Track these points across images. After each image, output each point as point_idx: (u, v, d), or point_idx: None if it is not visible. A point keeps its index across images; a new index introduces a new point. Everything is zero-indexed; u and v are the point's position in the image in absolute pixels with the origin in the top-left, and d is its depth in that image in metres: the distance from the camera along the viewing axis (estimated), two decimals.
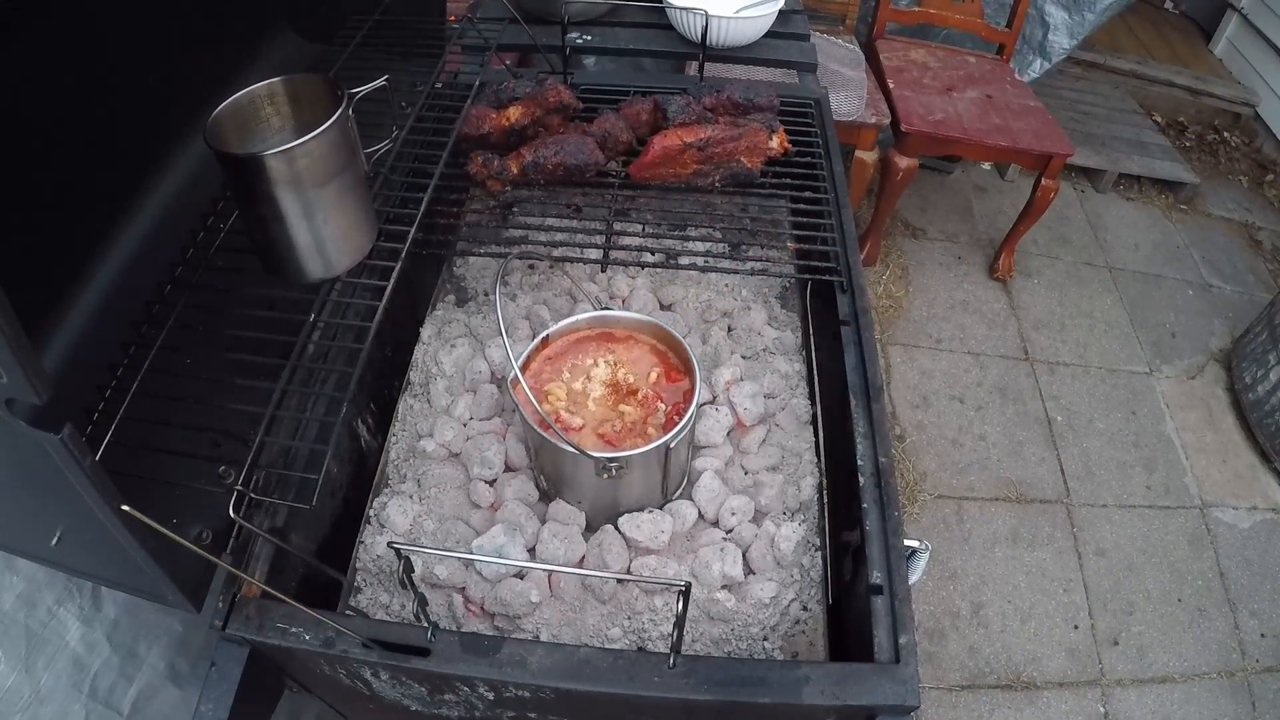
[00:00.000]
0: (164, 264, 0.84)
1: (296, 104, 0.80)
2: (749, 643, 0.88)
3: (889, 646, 0.76)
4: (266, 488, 0.82)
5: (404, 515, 0.94)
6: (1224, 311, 2.62)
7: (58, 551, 0.67)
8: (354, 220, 0.82)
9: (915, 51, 2.50)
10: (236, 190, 0.77)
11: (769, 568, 0.91)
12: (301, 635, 0.74)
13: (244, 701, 0.74)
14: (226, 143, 0.75)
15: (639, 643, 0.87)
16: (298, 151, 0.71)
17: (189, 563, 0.70)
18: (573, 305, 1.16)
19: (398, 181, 1.04)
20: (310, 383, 0.91)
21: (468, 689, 0.76)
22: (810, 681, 0.72)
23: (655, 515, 0.92)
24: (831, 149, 1.25)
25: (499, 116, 1.15)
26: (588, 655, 0.73)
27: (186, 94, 0.84)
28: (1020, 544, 1.98)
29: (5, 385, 0.47)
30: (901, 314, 2.48)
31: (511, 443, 0.99)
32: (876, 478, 0.88)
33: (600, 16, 1.53)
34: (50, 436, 0.51)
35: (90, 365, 0.74)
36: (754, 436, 1.02)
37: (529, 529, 0.91)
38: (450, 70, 1.22)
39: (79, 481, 0.55)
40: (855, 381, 0.97)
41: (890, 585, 0.80)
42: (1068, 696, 1.75)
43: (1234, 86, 3.27)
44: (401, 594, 0.91)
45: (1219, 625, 1.88)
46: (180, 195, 0.88)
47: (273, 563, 0.82)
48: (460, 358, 1.08)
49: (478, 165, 1.12)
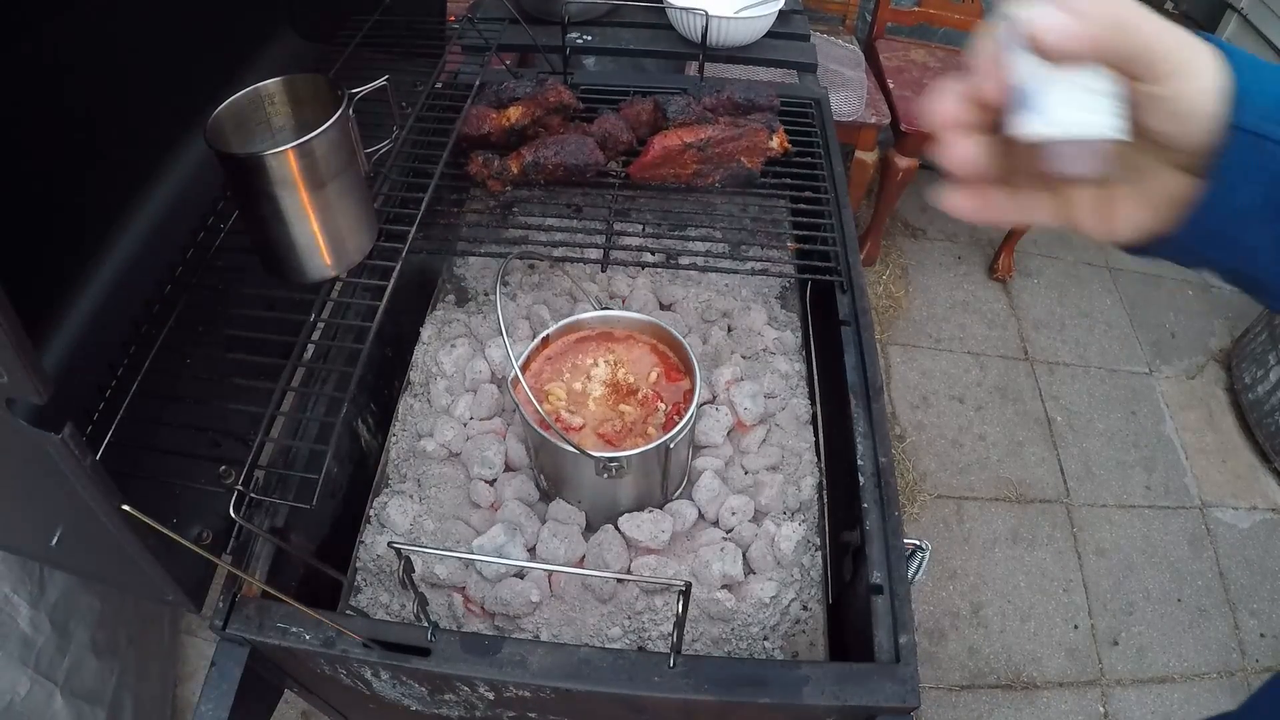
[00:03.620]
0: (164, 264, 0.84)
1: (296, 104, 0.80)
2: (749, 642, 0.88)
3: (889, 646, 0.76)
4: (267, 488, 0.82)
5: (404, 515, 0.94)
6: (1224, 312, 2.62)
7: (58, 551, 0.67)
8: (354, 220, 0.82)
9: (915, 51, 2.50)
10: (236, 190, 0.77)
11: (769, 567, 0.91)
12: (302, 635, 0.75)
13: (244, 701, 0.74)
14: (226, 143, 0.75)
15: (639, 642, 0.87)
16: (298, 151, 0.71)
17: (189, 562, 0.70)
18: (573, 305, 1.16)
19: (398, 181, 1.04)
20: (310, 383, 0.91)
21: (468, 689, 0.76)
22: (810, 681, 0.72)
23: (655, 515, 0.92)
24: (831, 149, 1.25)
25: (499, 116, 1.15)
26: (588, 655, 0.73)
27: (186, 94, 0.84)
28: (1020, 544, 1.98)
29: (5, 385, 0.47)
30: (901, 314, 2.48)
31: (511, 443, 0.99)
32: (876, 478, 0.88)
33: (600, 16, 1.53)
34: (51, 436, 0.51)
35: (90, 365, 0.74)
36: (754, 436, 1.02)
37: (529, 529, 0.91)
38: (450, 70, 1.22)
39: (79, 481, 0.55)
40: (855, 381, 0.97)
41: (890, 585, 0.80)
42: (1068, 696, 1.75)
43: None
44: (401, 594, 0.91)
45: (1219, 625, 1.88)
46: (180, 195, 0.88)
47: (273, 562, 0.82)
48: (460, 358, 1.08)
49: (478, 165, 1.12)
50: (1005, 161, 0.41)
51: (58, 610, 1.09)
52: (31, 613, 1.04)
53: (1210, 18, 3.47)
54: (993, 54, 0.38)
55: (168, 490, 0.72)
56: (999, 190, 0.43)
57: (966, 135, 0.41)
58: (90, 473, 0.55)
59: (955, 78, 0.40)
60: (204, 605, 0.74)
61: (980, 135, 0.41)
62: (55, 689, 1.08)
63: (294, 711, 1.57)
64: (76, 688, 1.12)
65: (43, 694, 1.06)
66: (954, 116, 0.40)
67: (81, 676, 1.13)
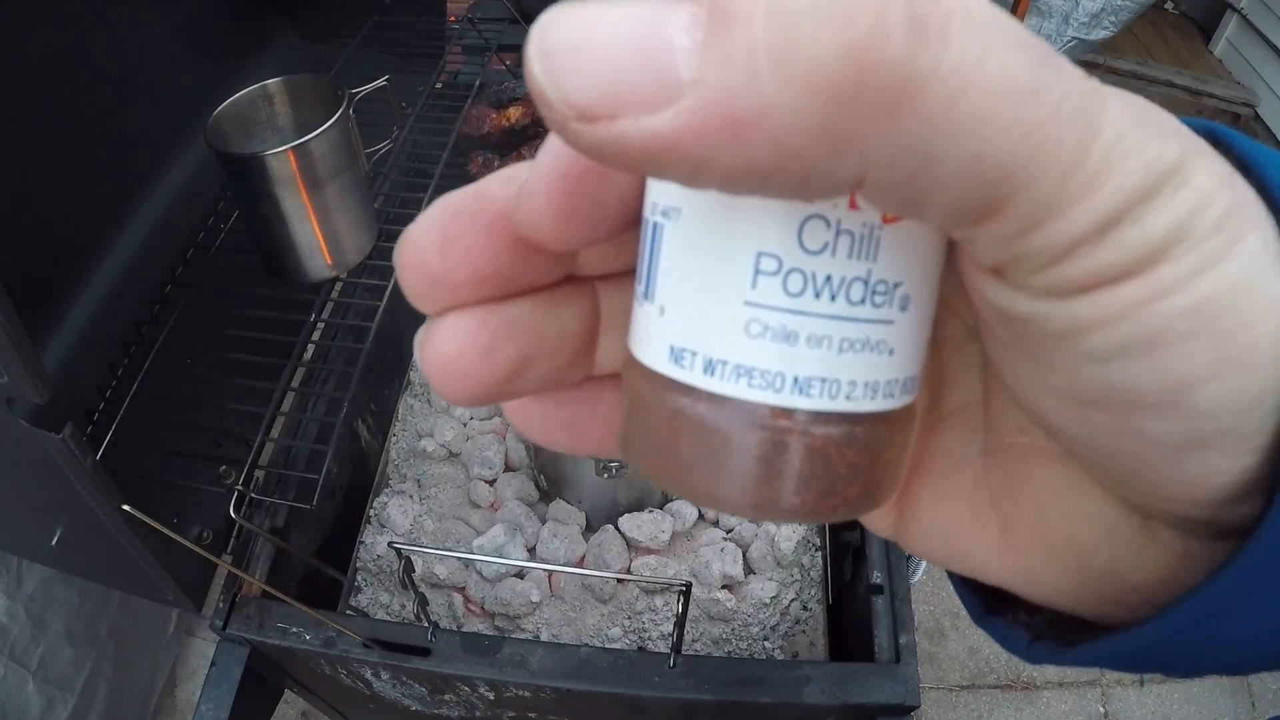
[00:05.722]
0: (164, 264, 0.84)
1: (296, 104, 0.80)
2: (749, 642, 0.88)
3: (889, 646, 0.76)
4: (267, 488, 0.82)
5: (404, 515, 0.94)
6: None
7: (57, 551, 0.67)
8: (354, 220, 0.82)
9: None
10: (237, 190, 0.77)
11: (769, 567, 0.91)
12: (302, 635, 0.74)
13: (244, 701, 0.74)
14: (227, 143, 0.75)
15: (639, 642, 0.87)
16: (297, 151, 0.71)
17: (189, 562, 0.70)
18: None
19: (398, 181, 1.04)
20: (310, 383, 0.91)
21: (468, 689, 0.76)
22: (811, 681, 0.72)
23: (655, 515, 0.92)
24: None
25: (499, 116, 1.15)
26: (588, 655, 0.73)
27: (187, 94, 0.84)
28: None
29: (5, 385, 0.47)
30: None
31: (511, 443, 0.99)
32: None
33: None
34: (51, 436, 0.51)
35: (90, 365, 0.74)
36: None
37: (529, 529, 0.91)
38: (450, 70, 1.22)
39: (79, 481, 0.55)
40: None
41: (890, 585, 0.80)
42: (1067, 696, 1.75)
43: (1234, 87, 3.27)
44: (402, 594, 0.91)
45: None
46: (180, 195, 0.88)
47: (273, 562, 0.82)
48: None
49: (478, 165, 1.12)
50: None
51: (34, 602, 1.14)
52: (8, 603, 1.09)
53: (1210, 18, 3.47)
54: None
55: (168, 490, 0.72)
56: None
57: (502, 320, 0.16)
58: (90, 473, 0.55)
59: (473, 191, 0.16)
60: (204, 605, 0.74)
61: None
62: (28, 675, 1.14)
63: (294, 711, 1.56)
64: (49, 674, 1.18)
65: (15, 680, 1.12)
66: (478, 269, 0.15)
67: (55, 664, 1.19)
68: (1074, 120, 0.11)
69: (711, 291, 0.13)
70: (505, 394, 0.16)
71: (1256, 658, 0.15)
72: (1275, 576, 0.13)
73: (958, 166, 0.11)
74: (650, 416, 0.15)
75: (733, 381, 0.14)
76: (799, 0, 0.10)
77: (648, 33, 0.11)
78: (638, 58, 0.11)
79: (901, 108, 0.10)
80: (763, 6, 0.10)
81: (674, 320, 0.14)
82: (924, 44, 0.10)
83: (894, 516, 0.19)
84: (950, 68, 0.10)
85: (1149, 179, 0.11)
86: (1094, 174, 0.11)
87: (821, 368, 0.13)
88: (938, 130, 0.10)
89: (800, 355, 0.13)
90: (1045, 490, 0.16)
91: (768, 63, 0.10)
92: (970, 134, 0.10)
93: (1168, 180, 0.11)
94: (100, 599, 1.29)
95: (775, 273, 0.13)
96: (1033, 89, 0.10)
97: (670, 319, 0.14)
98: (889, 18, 0.10)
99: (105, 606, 1.31)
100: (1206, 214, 0.11)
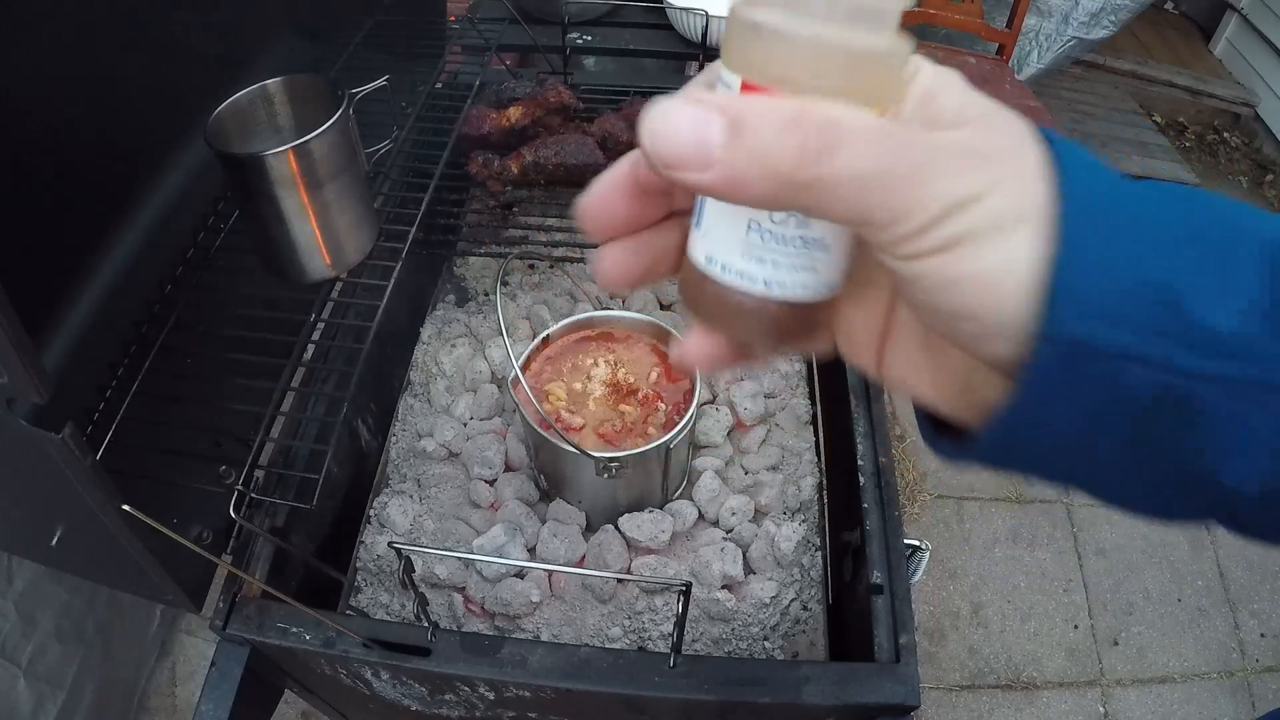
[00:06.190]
0: (164, 264, 0.84)
1: (296, 104, 0.80)
2: (749, 642, 0.88)
3: (889, 646, 0.76)
4: (267, 488, 0.82)
5: (404, 515, 0.94)
6: None
7: (57, 551, 0.67)
8: (355, 220, 0.82)
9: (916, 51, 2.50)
10: (237, 190, 0.77)
11: (769, 567, 0.91)
12: (302, 635, 0.75)
13: (244, 701, 0.74)
14: (227, 143, 0.75)
15: (639, 642, 0.87)
16: (297, 151, 0.71)
17: (189, 562, 0.70)
18: (573, 305, 1.16)
19: (398, 181, 1.04)
20: (310, 383, 0.91)
21: (468, 689, 0.76)
22: (810, 681, 0.72)
23: (655, 515, 0.92)
24: None
25: (499, 116, 1.15)
26: (588, 655, 0.73)
27: (187, 94, 0.84)
28: (1020, 544, 1.98)
29: (5, 385, 0.47)
30: None
31: (511, 443, 0.99)
32: (877, 478, 0.88)
33: (600, 16, 1.53)
34: (51, 436, 0.51)
35: (90, 365, 0.73)
36: (754, 436, 1.02)
37: (529, 529, 0.91)
38: (450, 70, 1.22)
39: (80, 481, 0.55)
40: (855, 381, 0.97)
41: (890, 585, 0.80)
42: (1068, 696, 1.75)
43: (1234, 87, 3.27)
44: (402, 594, 0.91)
45: (1219, 625, 1.88)
46: (180, 195, 0.88)
47: (273, 563, 0.82)
48: (460, 358, 1.08)
49: (478, 165, 1.12)
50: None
51: (25, 599, 1.17)
52: None
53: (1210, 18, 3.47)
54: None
55: (168, 490, 0.72)
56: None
57: (636, 247, 0.29)
58: (90, 473, 0.55)
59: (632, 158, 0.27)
60: (204, 605, 0.74)
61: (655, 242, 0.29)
62: (19, 672, 1.16)
63: (294, 711, 1.57)
64: (39, 671, 1.20)
65: (6, 677, 1.14)
66: (621, 219, 0.28)
67: (45, 661, 1.21)
68: (909, 181, 0.22)
69: (728, 232, 0.26)
70: (642, 284, 0.29)
71: (1072, 467, 0.26)
72: (1042, 404, 0.23)
73: (840, 213, 0.22)
74: (694, 288, 0.27)
75: (736, 278, 0.26)
76: (769, 128, 0.21)
77: (700, 129, 0.21)
78: (692, 142, 0.22)
79: (812, 189, 0.22)
80: (753, 126, 0.21)
81: (709, 242, 0.26)
82: (827, 158, 0.21)
83: (875, 362, 0.30)
84: (832, 170, 0.21)
85: (945, 208, 0.22)
86: (914, 206, 0.22)
87: (778, 275, 0.26)
88: (830, 198, 0.22)
89: (768, 270, 0.25)
90: (941, 348, 0.28)
91: (751, 157, 0.21)
92: (846, 199, 0.22)
93: (961, 206, 0.22)
94: (88, 597, 1.31)
95: (757, 230, 0.25)
96: (884, 171, 0.22)
97: (707, 241, 0.26)
98: (808, 143, 0.21)
99: (93, 604, 1.33)
100: (987, 222, 0.22)
